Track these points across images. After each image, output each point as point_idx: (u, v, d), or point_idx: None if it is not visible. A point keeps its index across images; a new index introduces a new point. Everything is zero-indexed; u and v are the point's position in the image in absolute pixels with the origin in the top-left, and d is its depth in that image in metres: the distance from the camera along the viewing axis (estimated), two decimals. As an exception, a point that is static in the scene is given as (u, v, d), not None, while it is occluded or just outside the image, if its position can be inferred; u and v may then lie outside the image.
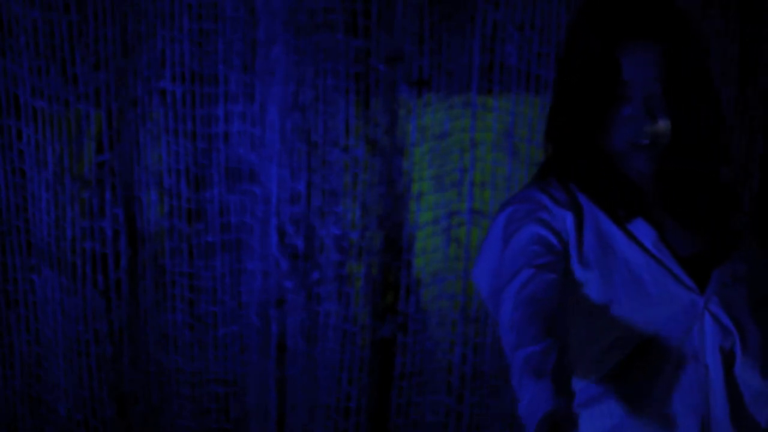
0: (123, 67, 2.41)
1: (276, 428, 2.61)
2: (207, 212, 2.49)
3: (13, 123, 2.43)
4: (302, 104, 2.45)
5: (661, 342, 1.46)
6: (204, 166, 2.47)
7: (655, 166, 1.48)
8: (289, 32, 2.42)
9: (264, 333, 2.55)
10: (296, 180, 2.49)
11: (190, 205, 2.48)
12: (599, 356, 1.49)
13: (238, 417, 2.59)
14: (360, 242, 2.52)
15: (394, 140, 2.49)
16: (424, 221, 2.52)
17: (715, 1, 2.52)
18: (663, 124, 1.44)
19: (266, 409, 2.60)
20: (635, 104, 1.43)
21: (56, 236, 2.46)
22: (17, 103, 2.42)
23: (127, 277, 2.51)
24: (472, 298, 2.53)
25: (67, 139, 2.42)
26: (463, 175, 2.51)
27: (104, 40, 2.38)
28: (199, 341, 2.54)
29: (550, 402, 1.23)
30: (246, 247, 2.51)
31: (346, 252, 2.52)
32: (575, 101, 1.46)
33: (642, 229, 1.48)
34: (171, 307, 2.52)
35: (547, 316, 1.35)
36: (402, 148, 2.50)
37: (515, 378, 1.31)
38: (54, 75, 2.38)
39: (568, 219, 1.47)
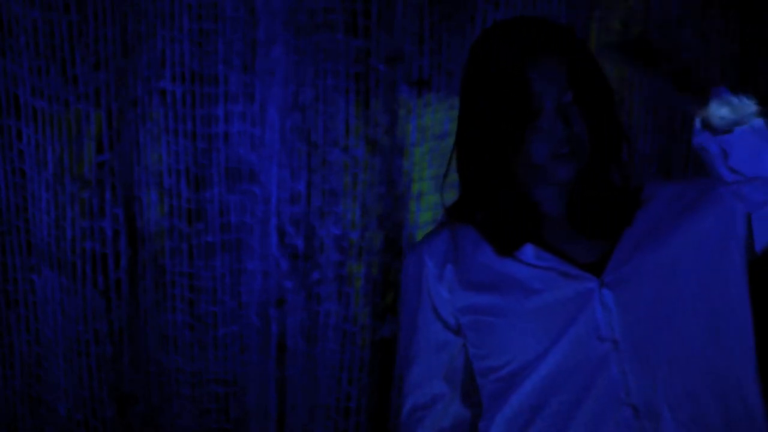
0: (123, 67, 2.41)
1: (276, 428, 2.61)
2: (207, 212, 2.49)
3: (13, 123, 2.43)
4: (302, 104, 2.45)
5: (566, 337, 1.51)
6: (204, 166, 2.47)
7: (577, 177, 1.52)
8: (289, 32, 2.42)
9: (264, 333, 2.55)
10: (296, 180, 2.49)
11: (190, 205, 2.48)
12: (512, 371, 1.55)
13: (238, 417, 2.59)
14: (360, 242, 2.52)
15: (394, 140, 2.49)
16: (424, 221, 2.52)
17: (715, 1, 2.52)
18: (579, 130, 1.49)
19: (266, 409, 2.60)
20: (549, 114, 1.48)
21: (56, 236, 2.46)
22: (17, 103, 2.42)
23: (127, 277, 2.51)
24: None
25: (67, 139, 2.42)
26: (463, 175, 2.51)
27: (104, 40, 2.38)
28: (199, 341, 2.54)
29: None
30: (246, 247, 2.51)
31: (346, 252, 2.52)
32: (487, 124, 1.50)
33: (527, 250, 1.54)
34: (171, 307, 2.52)
35: None
36: (402, 148, 2.50)
37: None
38: (54, 75, 2.38)
39: (448, 270, 1.58)
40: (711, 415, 1.50)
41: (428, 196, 2.52)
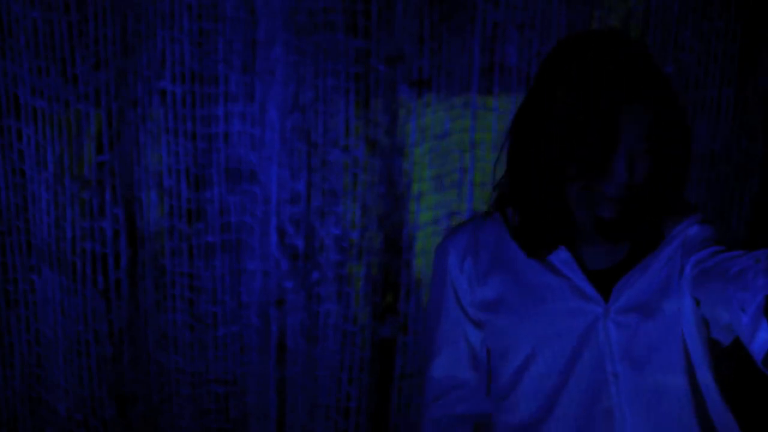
0: (123, 67, 2.41)
1: (276, 428, 2.61)
2: (207, 212, 2.49)
3: (13, 123, 2.43)
4: (302, 104, 2.45)
5: (568, 352, 1.55)
6: (204, 166, 2.47)
7: (617, 218, 1.52)
8: (289, 32, 2.42)
9: (264, 333, 2.56)
10: (296, 180, 2.49)
11: (190, 205, 2.48)
12: (514, 372, 1.60)
13: (238, 417, 2.59)
14: (360, 242, 2.52)
15: (394, 140, 2.49)
16: (424, 221, 2.52)
17: (715, 1, 2.52)
18: (640, 179, 1.50)
19: (266, 409, 2.60)
20: (619, 159, 1.48)
21: (56, 236, 2.46)
22: (17, 103, 2.41)
23: (127, 277, 2.51)
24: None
25: (67, 139, 2.42)
26: (463, 175, 2.51)
27: (104, 40, 2.38)
28: (199, 341, 2.54)
29: None
30: (246, 247, 2.51)
31: (346, 252, 2.52)
32: (557, 141, 1.50)
33: (561, 253, 1.57)
34: (171, 307, 2.52)
35: None
36: (402, 148, 2.50)
37: None
38: (54, 75, 2.38)
39: (467, 263, 1.63)
40: None
41: (428, 196, 2.52)
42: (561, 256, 1.57)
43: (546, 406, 1.56)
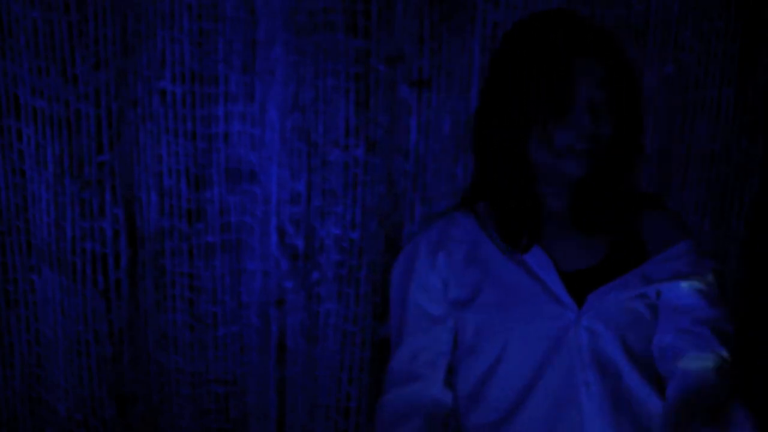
0: (123, 67, 2.41)
1: (276, 428, 2.61)
2: (207, 212, 2.49)
3: (13, 123, 2.43)
4: (302, 104, 2.45)
5: (539, 354, 1.55)
6: (204, 166, 2.47)
7: (584, 173, 1.52)
8: (289, 32, 2.42)
9: (264, 333, 2.56)
10: (296, 180, 2.49)
11: (190, 205, 2.48)
12: (483, 371, 1.61)
13: (238, 417, 2.59)
14: (360, 242, 2.52)
15: (394, 140, 2.49)
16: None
17: (715, 1, 2.52)
18: (603, 131, 1.53)
19: (266, 409, 2.60)
20: (580, 109, 1.51)
21: (56, 236, 2.46)
22: (17, 103, 2.41)
23: (127, 277, 2.51)
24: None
25: (67, 139, 2.42)
26: (463, 175, 2.51)
27: (104, 40, 2.38)
28: (199, 341, 2.54)
29: None
30: (246, 247, 2.51)
31: (346, 252, 2.52)
32: (518, 107, 1.52)
33: (535, 252, 1.58)
34: (171, 307, 2.52)
35: None
36: (402, 148, 2.50)
37: None
38: (54, 75, 2.38)
39: (440, 259, 1.64)
40: None
41: (428, 196, 2.53)
42: (537, 257, 1.57)
43: (513, 406, 1.56)
